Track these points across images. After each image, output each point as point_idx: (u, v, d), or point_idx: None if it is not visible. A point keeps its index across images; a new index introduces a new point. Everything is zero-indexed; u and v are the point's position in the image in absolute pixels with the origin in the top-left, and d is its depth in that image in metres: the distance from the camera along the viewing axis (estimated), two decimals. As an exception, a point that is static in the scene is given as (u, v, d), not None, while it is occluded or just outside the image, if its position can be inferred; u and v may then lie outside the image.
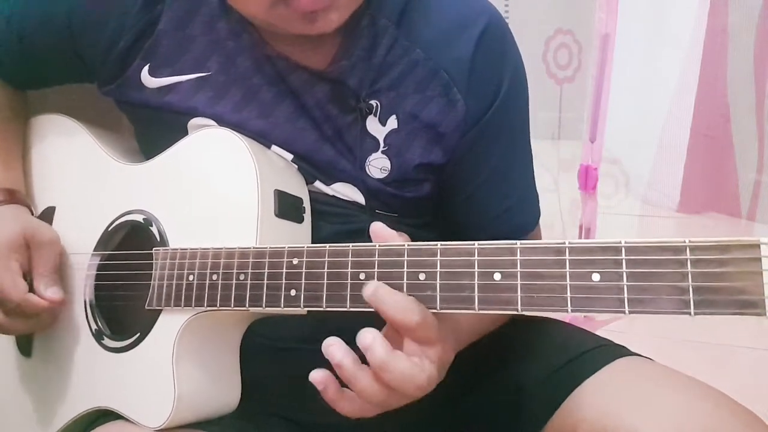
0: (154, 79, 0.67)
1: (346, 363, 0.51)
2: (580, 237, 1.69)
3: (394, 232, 0.54)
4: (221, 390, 0.65)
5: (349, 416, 0.54)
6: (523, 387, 0.67)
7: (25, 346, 0.75)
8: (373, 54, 0.65)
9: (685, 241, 0.43)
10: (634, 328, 1.65)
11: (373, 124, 0.66)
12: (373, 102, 0.65)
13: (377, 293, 0.51)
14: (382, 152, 0.67)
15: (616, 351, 0.67)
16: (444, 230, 0.72)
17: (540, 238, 0.76)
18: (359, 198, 0.68)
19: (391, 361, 0.50)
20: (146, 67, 0.67)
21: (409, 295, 0.51)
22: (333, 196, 0.68)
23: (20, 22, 0.72)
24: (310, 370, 0.61)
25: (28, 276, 0.68)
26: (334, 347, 0.52)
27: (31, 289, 0.67)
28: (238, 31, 0.66)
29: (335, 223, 0.68)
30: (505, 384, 0.68)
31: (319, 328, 0.67)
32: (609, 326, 1.64)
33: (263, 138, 0.66)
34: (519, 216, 0.72)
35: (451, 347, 0.56)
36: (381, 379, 0.51)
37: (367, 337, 0.51)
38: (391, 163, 0.67)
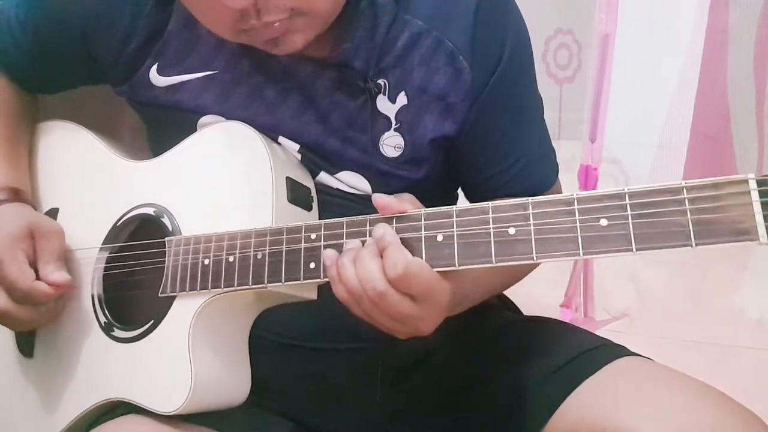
0: (162, 78, 0.68)
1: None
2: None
3: (391, 197, 0.56)
4: (233, 377, 0.65)
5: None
6: (522, 387, 0.67)
7: (26, 347, 0.75)
8: (375, 33, 0.65)
9: (681, 183, 0.47)
10: (634, 328, 1.64)
11: (383, 103, 0.67)
12: (380, 81, 0.66)
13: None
14: (395, 130, 0.67)
15: (616, 351, 0.67)
16: None
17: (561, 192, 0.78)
18: (365, 186, 0.68)
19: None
20: (155, 67, 0.68)
21: (428, 255, 0.54)
22: (337, 189, 0.68)
23: (35, 25, 0.73)
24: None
25: (34, 266, 0.69)
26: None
27: (38, 279, 0.68)
28: None
29: (339, 214, 0.68)
30: (505, 384, 0.68)
31: (324, 325, 0.67)
32: (609, 326, 1.63)
33: (271, 131, 0.67)
34: (537, 172, 0.73)
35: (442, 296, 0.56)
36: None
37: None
38: (404, 139, 0.67)
